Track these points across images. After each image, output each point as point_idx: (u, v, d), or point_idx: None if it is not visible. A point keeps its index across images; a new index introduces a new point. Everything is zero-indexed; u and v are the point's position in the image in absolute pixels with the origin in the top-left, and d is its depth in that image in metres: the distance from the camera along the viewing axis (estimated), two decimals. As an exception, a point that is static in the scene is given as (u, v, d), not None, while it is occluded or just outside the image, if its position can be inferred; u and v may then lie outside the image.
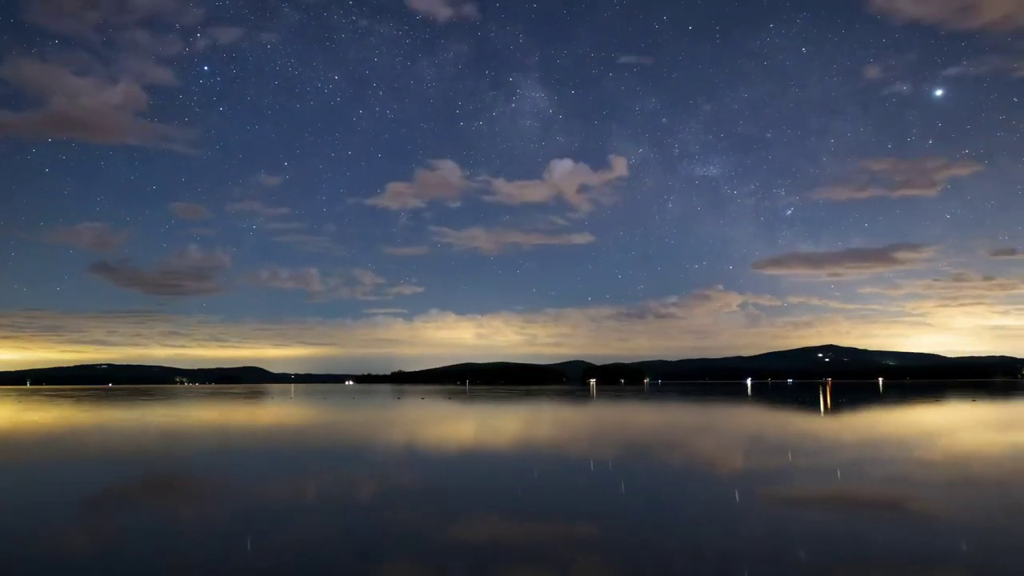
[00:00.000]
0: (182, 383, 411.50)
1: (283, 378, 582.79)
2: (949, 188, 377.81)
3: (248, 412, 43.19)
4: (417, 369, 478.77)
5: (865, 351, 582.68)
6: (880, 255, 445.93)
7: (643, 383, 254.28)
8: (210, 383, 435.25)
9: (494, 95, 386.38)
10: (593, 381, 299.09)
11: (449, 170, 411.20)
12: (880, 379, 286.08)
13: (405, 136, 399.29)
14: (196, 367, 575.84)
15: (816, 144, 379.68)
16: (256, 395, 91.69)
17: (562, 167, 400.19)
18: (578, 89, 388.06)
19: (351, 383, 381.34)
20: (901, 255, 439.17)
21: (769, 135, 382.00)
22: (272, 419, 35.54)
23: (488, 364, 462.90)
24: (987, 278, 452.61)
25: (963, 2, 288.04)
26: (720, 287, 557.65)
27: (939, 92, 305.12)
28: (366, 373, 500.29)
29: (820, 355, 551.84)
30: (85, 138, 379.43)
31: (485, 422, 31.97)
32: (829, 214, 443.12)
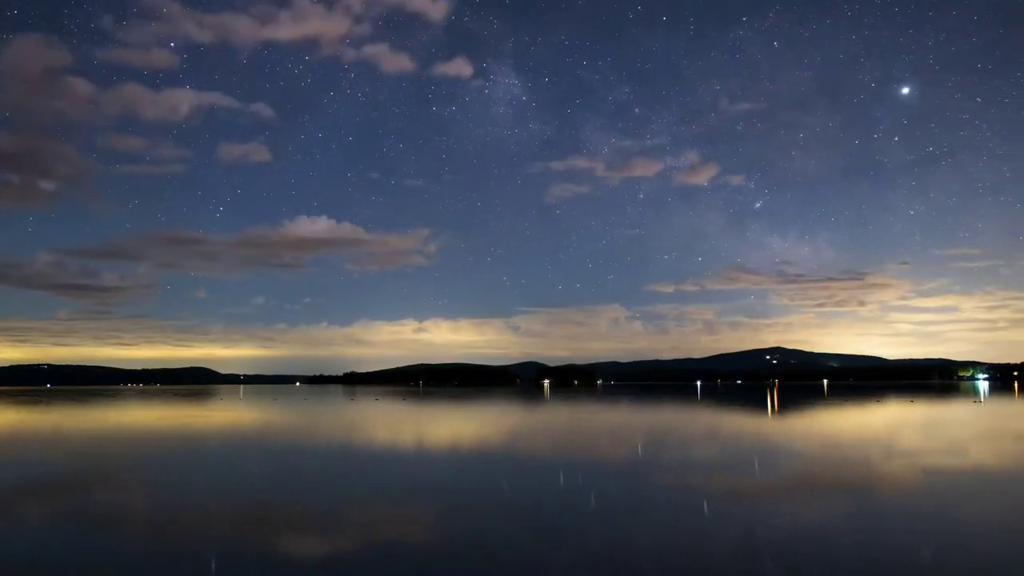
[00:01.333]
0: (127, 385, 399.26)
1: (232, 379, 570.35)
2: (913, 185, 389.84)
3: (188, 414, 42.03)
4: (370, 370, 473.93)
5: (811, 353, 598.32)
6: (836, 256, 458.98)
7: (596, 384, 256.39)
8: (156, 384, 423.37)
9: (467, 81, 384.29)
10: (546, 382, 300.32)
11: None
12: (825, 380, 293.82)
13: (376, 120, 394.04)
14: (141, 367, 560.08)
15: (786, 138, 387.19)
16: (202, 396, 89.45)
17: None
18: (551, 77, 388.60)
19: (299, 384, 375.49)
20: (859, 255, 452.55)
21: (740, 128, 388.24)
22: (214, 421, 34.63)
23: (442, 365, 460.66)
24: (932, 278, 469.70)
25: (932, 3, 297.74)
26: (671, 289, 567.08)
27: (905, 90, 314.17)
28: (318, 374, 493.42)
29: (768, 357, 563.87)
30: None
31: (436, 423, 31.71)
32: (797, 208, 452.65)
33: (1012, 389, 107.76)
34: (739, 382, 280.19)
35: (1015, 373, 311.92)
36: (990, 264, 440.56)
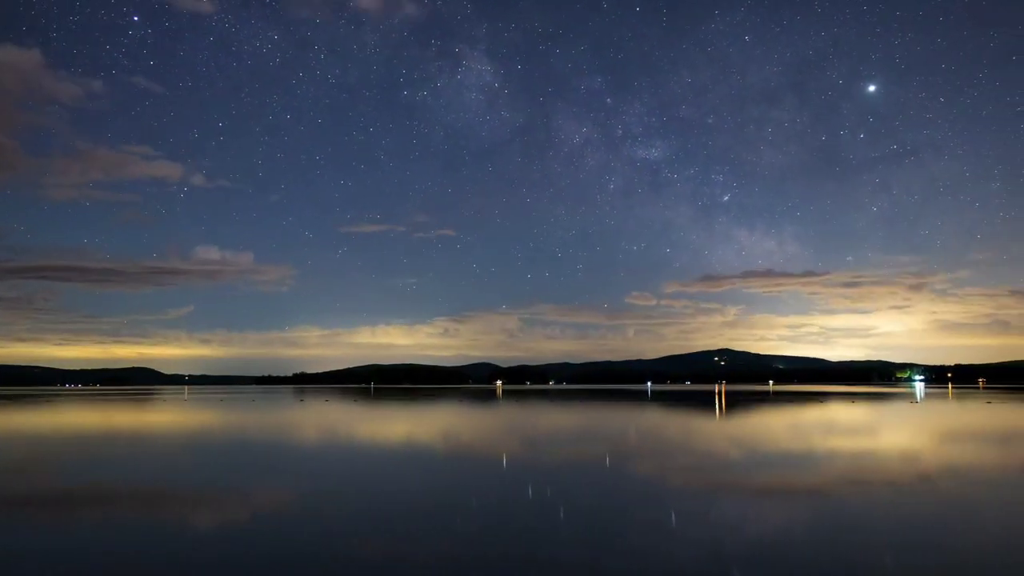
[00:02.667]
0: (64, 386, 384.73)
1: (176, 380, 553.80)
2: (877, 182, 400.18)
3: (126, 416, 40.68)
4: (320, 371, 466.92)
5: (757, 355, 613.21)
6: (800, 250, 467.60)
7: (548, 384, 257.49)
8: (95, 384, 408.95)
9: (439, 65, 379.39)
10: (499, 383, 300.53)
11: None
12: (771, 381, 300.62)
13: (346, 102, 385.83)
14: (79, 367, 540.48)
15: (754, 132, 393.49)
16: (143, 398, 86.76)
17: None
18: (524, 64, 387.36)
19: (249, 385, 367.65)
20: (823, 250, 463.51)
21: (710, 121, 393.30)
22: (152, 423, 33.54)
23: (393, 365, 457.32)
24: (879, 283, 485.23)
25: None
26: (635, 293, 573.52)
27: (872, 88, 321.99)
28: (266, 375, 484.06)
29: (716, 358, 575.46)
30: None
31: (386, 424, 31.27)
32: (764, 202, 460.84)
33: (946, 390, 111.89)
34: (688, 383, 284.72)
35: (949, 375, 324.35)
36: (939, 265, 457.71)
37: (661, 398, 72.32)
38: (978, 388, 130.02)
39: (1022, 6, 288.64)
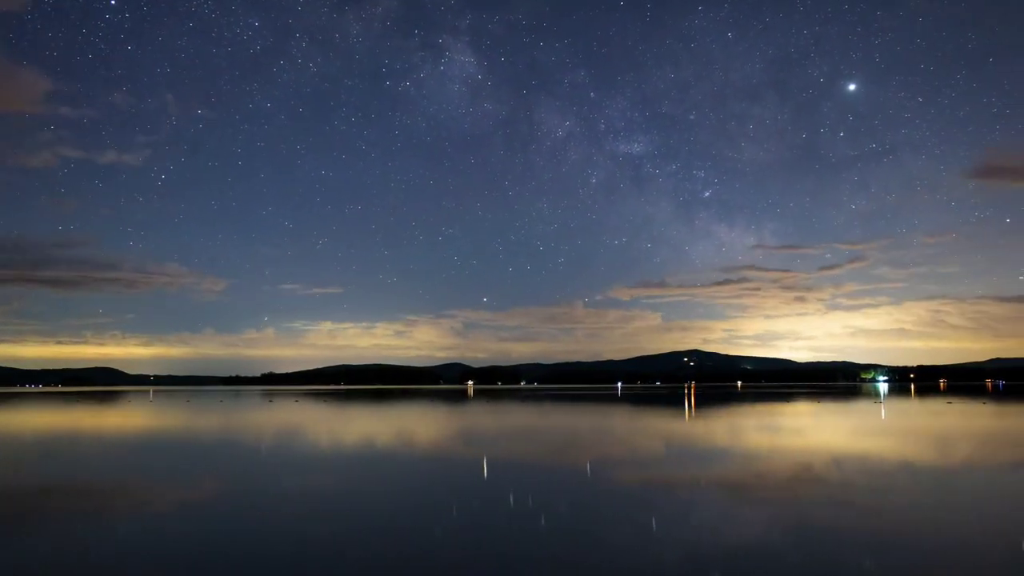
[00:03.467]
0: (24, 386, 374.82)
1: (141, 380, 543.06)
2: (856, 180, 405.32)
3: (87, 417, 39.86)
4: (289, 371, 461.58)
5: (726, 356, 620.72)
6: (779, 248, 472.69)
7: (519, 385, 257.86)
8: (57, 385, 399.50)
9: (422, 56, 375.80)
10: (470, 383, 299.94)
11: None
12: (739, 382, 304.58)
13: (328, 92, 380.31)
14: (40, 367, 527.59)
15: (736, 129, 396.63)
16: (106, 399, 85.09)
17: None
18: (508, 57, 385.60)
19: (216, 387, 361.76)
20: (801, 248, 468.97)
21: (692, 117, 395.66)
22: (114, 424, 32.91)
23: (364, 366, 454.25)
24: (848, 281, 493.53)
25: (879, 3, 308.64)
26: (612, 290, 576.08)
27: (852, 87, 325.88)
28: (234, 375, 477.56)
29: (686, 359, 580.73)
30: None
31: (358, 424, 31.05)
32: (745, 198, 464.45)
33: (909, 391, 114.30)
34: (658, 384, 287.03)
35: (911, 375, 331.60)
36: (913, 265, 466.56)
37: (632, 398, 72.87)
38: (939, 389, 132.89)
39: (998, 8, 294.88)
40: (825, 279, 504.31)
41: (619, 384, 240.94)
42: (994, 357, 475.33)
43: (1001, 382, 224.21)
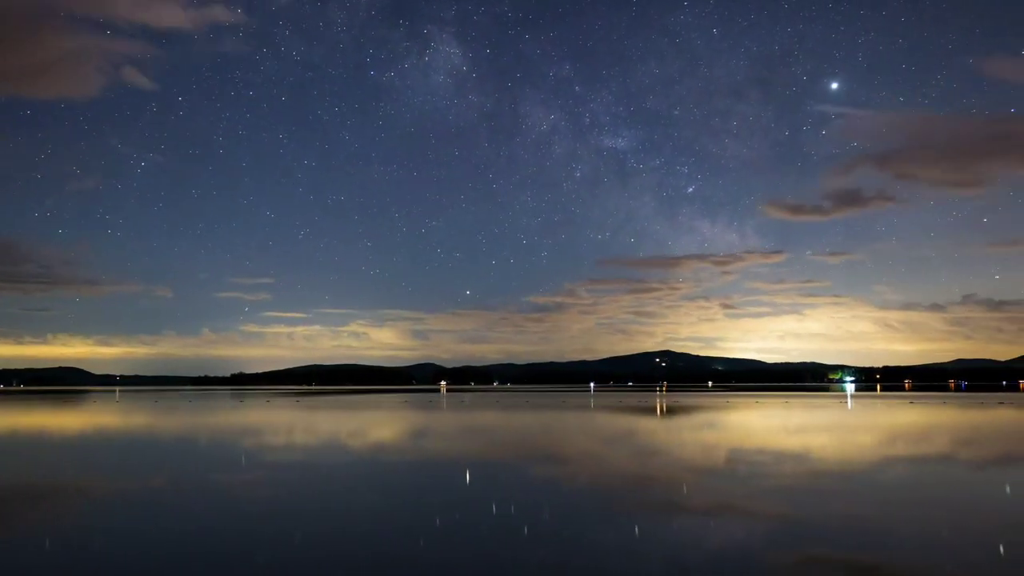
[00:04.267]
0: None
1: (107, 381, 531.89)
2: (838, 178, 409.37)
3: (50, 419, 39.08)
4: (259, 371, 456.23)
5: (697, 356, 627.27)
6: (759, 245, 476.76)
7: (492, 385, 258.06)
8: (18, 385, 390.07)
9: (407, 47, 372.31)
10: (443, 383, 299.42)
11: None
12: (710, 382, 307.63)
13: (311, 81, 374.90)
14: (1, 367, 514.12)
15: (720, 125, 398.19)
16: (71, 399, 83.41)
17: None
18: (493, 49, 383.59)
19: (185, 387, 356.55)
20: (780, 247, 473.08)
21: (676, 112, 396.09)
22: (78, 426, 32.30)
23: (335, 366, 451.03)
24: (808, 281, 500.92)
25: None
26: (580, 291, 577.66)
27: (835, 85, 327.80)
28: (203, 375, 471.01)
29: (658, 360, 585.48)
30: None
31: (329, 424, 30.85)
32: (727, 195, 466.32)
33: (875, 391, 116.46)
34: (630, 384, 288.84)
35: (877, 376, 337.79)
36: (886, 265, 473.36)
37: (604, 398, 73.30)
38: (904, 389, 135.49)
39: (978, 10, 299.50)
40: (797, 279, 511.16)
41: (592, 385, 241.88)
42: (958, 358, 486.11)
43: (963, 382, 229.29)
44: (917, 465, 16.82)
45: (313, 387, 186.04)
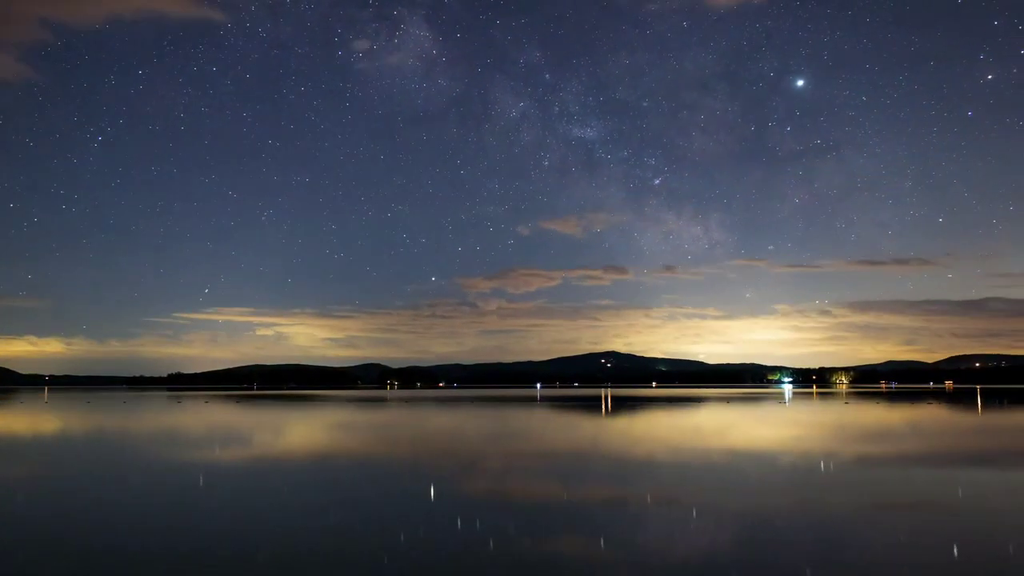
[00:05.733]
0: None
1: (35, 381, 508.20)
2: (800, 175, 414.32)
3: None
4: (198, 371, 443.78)
5: (641, 357, 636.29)
6: (725, 238, 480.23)
7: (439, 386, 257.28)
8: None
9: (376, 28, 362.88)
10: (392, 383, 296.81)
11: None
12: (654, 383, 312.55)
13: (277, 59, 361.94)
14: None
15: (688, 118, 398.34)
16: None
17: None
18: (464, 33, 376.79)
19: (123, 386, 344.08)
20: (746, 239, 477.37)
21: (645, 104, 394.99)
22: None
23: (278, 366, 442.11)
24: (754, 283, 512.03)
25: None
26: (540, 284, 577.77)
27: (800, 82, 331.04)
28: (138, 375, 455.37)
29: (603, 360, 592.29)
30: None
31: (268, 426, 30.38)
32: (693, 188, 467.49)
33: (811, 392, 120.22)
34: (576, 385, 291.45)
35: (814, 377, 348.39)
36: (837, 265, 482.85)
37: (550, 398, 73.86)
38: (837, 390, 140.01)
39: (940, 13, 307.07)
40: (746, 277, 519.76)
41: (538, 385, 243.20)
42: (889, 359, 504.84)
43: (893, 383, 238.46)
44: (884, 461, 17.59)
45: (255, 389, 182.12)
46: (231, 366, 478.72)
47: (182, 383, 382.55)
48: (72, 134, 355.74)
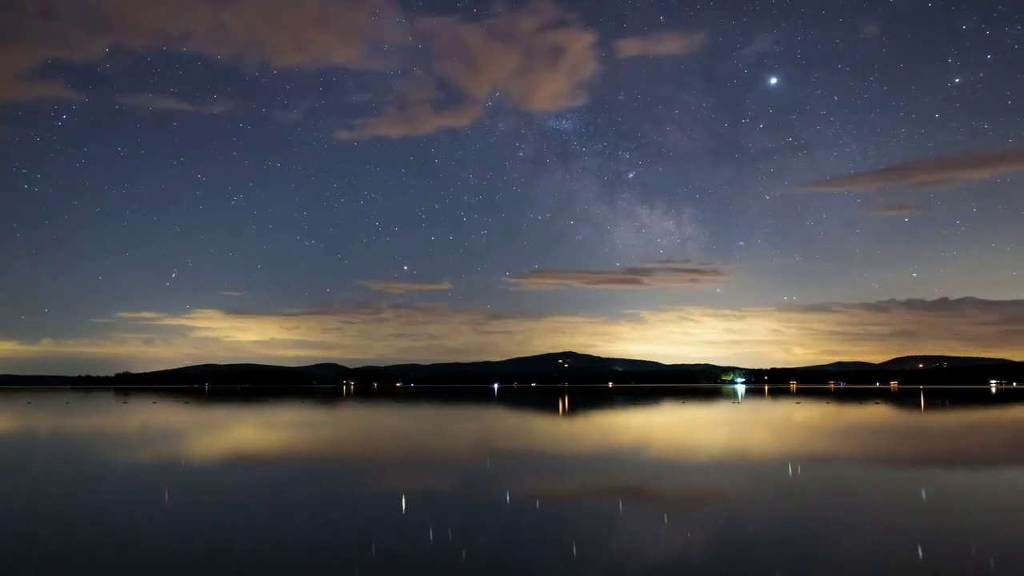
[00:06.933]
0: None
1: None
2: (772, 172, 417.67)
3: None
4: (147, 371, 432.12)
5: (598, 357, 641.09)
6: (697, 233, 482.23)
7: (396, 386, 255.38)
8: None
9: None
10: (347, 383, 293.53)
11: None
12: (610, 383, 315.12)
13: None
14: None
15: (663, 113, 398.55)
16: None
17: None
18: (440, 19, 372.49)
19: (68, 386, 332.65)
20: (718, 234, 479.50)
21: (621, 97, 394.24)
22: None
23: (230, 366, 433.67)
24: (717, 283, 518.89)
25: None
26: (496, 283, 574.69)
27: (774, 80, 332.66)
28: (84, 375, 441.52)
29: (560, 361, 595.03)
30: None
31: (212, 429, 29.79)
32: (667, 183, 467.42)
33: (763, 392, 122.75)
34: (533, 385, 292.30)
35: (766, 377, 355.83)
36: (787, 267, 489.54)
37: (508, 398, 73.94)
38: (788, 390, 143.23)
39: (911, 17, 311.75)
40: (713, 274, 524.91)
41: (495, 385, 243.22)
42: (836, 361, 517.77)
43: (841, 384, 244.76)
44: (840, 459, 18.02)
45: (206, 389, 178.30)
46: (182, 365, 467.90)
47: (130, 383, 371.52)
48: (35, 112, 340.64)
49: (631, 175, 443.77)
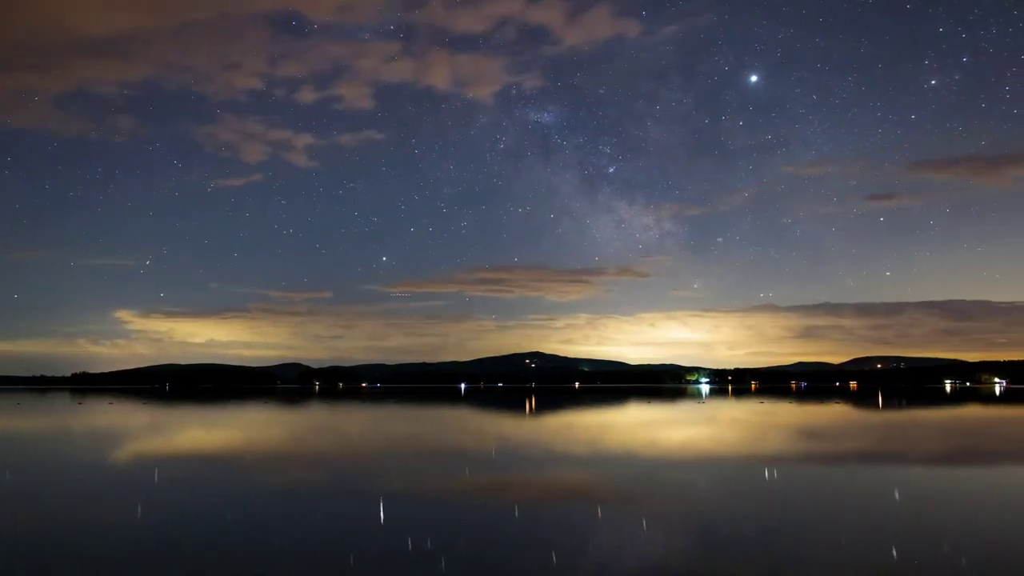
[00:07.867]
0: None
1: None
2: (751, 169, 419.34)
3: None
4: (105, 371, 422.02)
5: (565, 358, 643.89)
6: (676, 229, 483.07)
7: (362, 386, 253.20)
8: None
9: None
10: (316, 384, 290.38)
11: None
12: (577, 383, 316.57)
13: None
14: None
15: (643, 108, 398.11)
16: None
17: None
18: (421, 10, 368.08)
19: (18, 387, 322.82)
20: (695, 231, 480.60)
21: (602, 91, 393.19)
22: None
23: (191, 365, 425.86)
24: (688, 282, 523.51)
25: None
26: (466, 279, 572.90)
27: (754, 78, 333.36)
28: (38, 375, 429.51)
29: (527, 361, 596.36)
30: None
31: (172, 430, 29.18)
32: (646, 178, 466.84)
33: (727, 392, 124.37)
34: (500, 385, 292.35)
35: (729, 377, 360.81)
36: (763, 268, 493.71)
37: (475, 398, 73.82)
38: (750, 390, 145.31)
39: (890, 18, 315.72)
40: (675, 274, 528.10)
41: (462, 385, 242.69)
42: (798, 360, 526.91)
43: (803, 383, 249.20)
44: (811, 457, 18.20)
45: (167, 389, 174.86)
46: (142, 365, 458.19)
47: (87, 383, 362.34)
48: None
49: (611, 169, 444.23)
